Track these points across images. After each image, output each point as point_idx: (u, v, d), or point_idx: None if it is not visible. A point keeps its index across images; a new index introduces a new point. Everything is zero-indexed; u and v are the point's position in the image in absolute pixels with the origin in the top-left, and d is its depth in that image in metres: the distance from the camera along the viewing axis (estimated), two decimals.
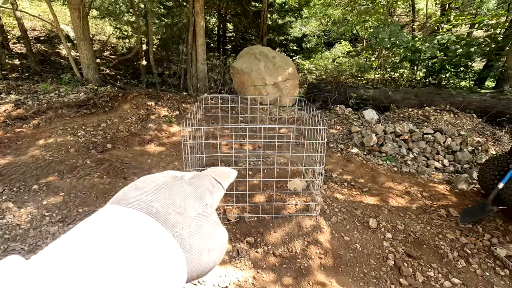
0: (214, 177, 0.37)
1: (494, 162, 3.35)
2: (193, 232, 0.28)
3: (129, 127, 4.63)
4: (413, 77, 7.20)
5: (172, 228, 0.27)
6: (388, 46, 5.40)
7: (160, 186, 0.30)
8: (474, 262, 2.47)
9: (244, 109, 5.53)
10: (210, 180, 0.36)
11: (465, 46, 6.52)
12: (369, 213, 3.02)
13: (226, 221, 2.62)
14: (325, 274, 2.25)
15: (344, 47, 12.62)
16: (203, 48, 6.36)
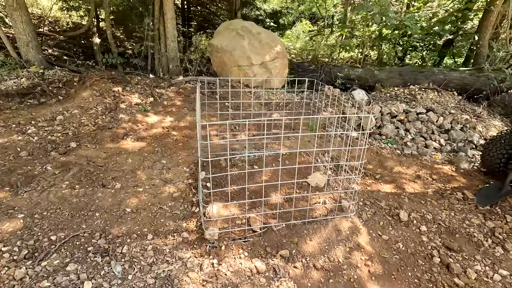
0: None
1: (500, 141, 3.34)
2: None
3: (95, 119, 3.78)
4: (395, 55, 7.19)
5: None
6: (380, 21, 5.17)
7: None
8: (510, 248, 2.39)
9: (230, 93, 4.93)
10: None
11: (439, 24, 6.61)
12: (393, 204, 2.80)
13: (252, 233, 2.17)
14: (379, 284, 1.96)
15: (305, 25, 12.31)
16: (173, 22, 5.49)
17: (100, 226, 2.22)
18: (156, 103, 4.45)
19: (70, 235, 2.08)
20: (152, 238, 2.15)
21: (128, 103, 4.24)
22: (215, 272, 1.91)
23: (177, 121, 4.09)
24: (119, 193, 2.61)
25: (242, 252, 2.06)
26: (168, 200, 2.61)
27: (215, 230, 2.09)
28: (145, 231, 2.21)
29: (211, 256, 2.02)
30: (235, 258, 2.02)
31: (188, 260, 1.96)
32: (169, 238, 2.16)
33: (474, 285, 2.02)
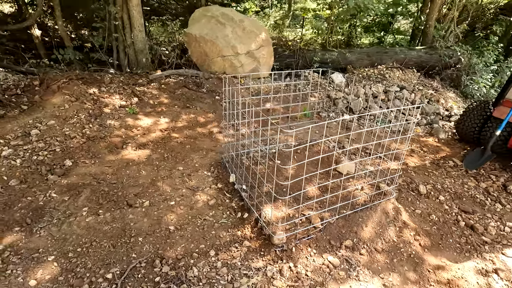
0: None
1: (473, 112, 3.89)
2: None
3: (81, 129, 3.27)
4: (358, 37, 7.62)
5: None
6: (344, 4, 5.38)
7: None
8: (505, 202, 2.88)
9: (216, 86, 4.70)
10: None
11: (392, 6, 7.18)
12: (407, 179, 3.10)
13: (314, 230, 2.20)
14: (433, 255, 2.20)
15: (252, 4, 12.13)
16: (139, 9, 4.89)
17: (152, 252, 2.01)
18: (142, 103, 4.02)
19: (127, 269, 1.84)
20: (215, 254, 2.03)
21: (112, 107, 3.75)
22: (296, 275, 1.92)
23: (173, 122, 3.78)
24: (152, 211, 2.37)
25: (311, 250, 2.10)
26: (207, 209, 2.47)
27: (283, 234, 2.07)
28: (203, 248, 2.08)
29: (284, 260, 2.01)
30: (306, 257, 2.05)
31: (266, 269, 1.92)
32: (233, 250, 2.07)
33: (497, 240, 2.41)
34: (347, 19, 7.16)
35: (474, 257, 2.21)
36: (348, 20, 7.21)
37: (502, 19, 7.41)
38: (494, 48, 6.71)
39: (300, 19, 8.50)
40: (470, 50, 6.36)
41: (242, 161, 3.06)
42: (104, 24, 4.86)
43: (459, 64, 6.22)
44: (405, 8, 7.09)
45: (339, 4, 6.36)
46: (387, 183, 2.76)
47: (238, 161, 2.88)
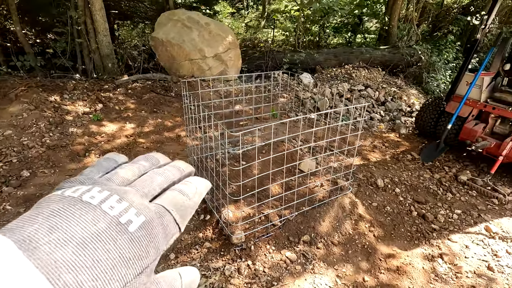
0: (173, 217, 0.26)
1: (429, 108, 4.13)
2: None
3: (41, 138, 3.19)
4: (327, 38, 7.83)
5: None
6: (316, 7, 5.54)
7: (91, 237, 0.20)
8: (455, 191, 3.09)
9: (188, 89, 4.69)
10: (166, 224, 0.26)
11: (358, 7, 7.46)
12: (367, 174, 3.25)
13: (273, 228, 2.28)
14: (385, 244, 2.34)
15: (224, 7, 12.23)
16: (103, 13, 4.80)
17: None
18: (108, 109, 3.96)
19: None
20: (175, 257, 2.06)
21: (75, 114, 3.67)
22: (254, 272, 1.98)
23: (139, 127, 3.76)
24: None
25: (270, 247, 2.17)
26: None
27: (242, 233, 2.13)
28: (164, 252, 2.09)
29: (243, 258, 2.07)
30: (265, 254, 2.12)
31: (225, 268, 1.97)
32: (193, 253, 2.11)
33: (444, 226, 2.59)
34: (317, 20, 7.36)
35: (422, 244, 2.37)
36: (318, 21, 7.42)
37: (460, 19, 7.88)
38: (453, 46, 7.14)
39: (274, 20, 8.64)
40: (430, 49, 6.72)
41: (207, 163, 3.09)
42: (67, 29, 4.73)
43: (420, 62, 6.56)
44: (370, 10, 7.38)
45: (306, 6, 6.53)
46: (346, 178, 2.90)
47: (203, 163, 2.92)
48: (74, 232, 0.20)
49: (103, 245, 0.20)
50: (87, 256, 0.19)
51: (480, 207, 2.87)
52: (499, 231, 2.54)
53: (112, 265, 0.20)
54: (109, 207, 0.23)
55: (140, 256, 0.22)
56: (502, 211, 2.84)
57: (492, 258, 2.27)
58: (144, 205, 0.25)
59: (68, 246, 0.19)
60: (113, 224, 0.22)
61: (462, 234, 2.51)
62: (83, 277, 0.19)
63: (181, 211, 0.27)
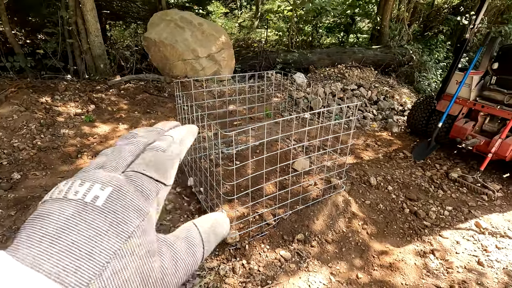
0: (148, 176, 0.26)
1: (420, 106, 4.19)
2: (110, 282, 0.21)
3: (32, 140, 3.14)
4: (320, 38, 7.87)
5: (77, 286, 0.19)
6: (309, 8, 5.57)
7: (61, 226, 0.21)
8: (446, 188, 3.15)
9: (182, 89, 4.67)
10: (141, 186, 0.26)
11: (350, 7, 7.52)
12: (360, 172, 3.29)
13: (267, 227, 2.29)
14: (378, 241, 2.37)
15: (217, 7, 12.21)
16: (94, 14, 4.74)
17: None
18: (100, 110, 3.93)
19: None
20: None
21: (67, 115, 3.63)
22: (248, 271, 1.99)
23: (133, 128, 3.71)
24: None
25: (264, 246, 2.18)
26: (164, 214, 2.47)
27: (236, 233, 2.14)
28: None
29: (238, 257, 2.07)
30: (260, 253, 2.13)
31: (219, 268, 1.98)
32: None
33: (436, 223, 2.63)
34: (309, 20, 7.40)
35: (414, 241, 2.41)
36: (311, 21, 7.46)
37: (450, 19, 8.00)
38: (443, 46, 7.24)
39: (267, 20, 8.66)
40: (421, 49, 6.81)
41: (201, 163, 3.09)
42: (57, 29, 4.67)
43: (411, 61, 6.64)
44: (363, 10, 7.45)
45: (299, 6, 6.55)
46: (340, 176, 2.92)
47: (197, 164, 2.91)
48: (47, 228, 0.21)
49: (75, 228, 0.21)
50: (62, 243, 0.20)
51: (470, 203, 2.93)
52: (488, 227, 2.59)
53: (90, 242, 0.21)
54: (74, 193, 0.23)
55: (117, 223, 0.23)
56: (492, 207, 2.90)
57: (482, 253, 2.32)
58: (110, 177, 0.25)
59: (43, 241, 0.20)
60: (79, 207, 0.22)
61: (453, 230, 2.55)
62: (65, 262, 0.20)
63: (155, 167, 0.27)
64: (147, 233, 0.24)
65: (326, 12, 6.59)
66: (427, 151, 3.71)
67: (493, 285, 2.04)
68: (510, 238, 2.48)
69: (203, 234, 0.29)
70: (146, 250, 0.24)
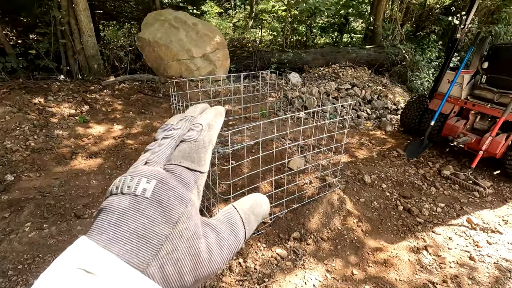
0: (185, 167, 0.29)
1: (413, 105, 4.25)
2: (164, 262, 0.24)
3: (25, 141, 3.11)
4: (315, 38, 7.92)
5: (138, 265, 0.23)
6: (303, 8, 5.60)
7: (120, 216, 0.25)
8: (439, 186, 3.20)
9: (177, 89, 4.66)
10: (180, 176, 0.28)
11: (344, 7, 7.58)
12: (354, 171, 3.33)
13: (263, 225, 2.31)
14: (372, 238, 2.40)
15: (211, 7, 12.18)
16: (87, 14, 4.70)
17: None
18: (94, 111, 3.90)
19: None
20: None
21: (60, 116, 3.60)
22: (245, 269, 2.01)
23: (127, 129, 3.72)
24: None
25: (260, 244, 2.20)
26: None
27: None
28: None
29: (234, 256, 2.09)
30: (256, 252, 2.14)
31: None
32: None
33: (429, 220, 2.68)
34: (304, 20, 7.44)
35: (408, 237, 2.45)
36: (305, 21, 7.50)
37: (442, 19, 8.12)
38: (435, 45, 7.35)
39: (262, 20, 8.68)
40: (413, 48, 6.90)
41: None
42: (50, 29, 4.63)
43: (404, 61, 6.73)
44: (356, 10, 7.51)
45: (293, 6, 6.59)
46: (334, 175, 2.95)
47: None
48: (110, 218, 0.25)
49: (132, 218, 0.25)
50: (124, 230, 0.24)
51: (462, 200, 2.98)
52: (480, 223, 2.65)
53: (145, 228, 0.24)
54: (127, 188, 0.26)
55: (165, 211, 0.26)
56: (483, 203, 2.97)
57: (473, 248, 2.37)
58: (153, 170, 0.28)
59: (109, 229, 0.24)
60: (132, 199, 0.26)
61: (445, 227, 2.60)
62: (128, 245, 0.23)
63: (190, 158, 0.29)
64: (192, 218, 0.27)
65: (320, 12, 6.63)
66: (420, 149, 3.76)
67: (484, 280, 2.09)
68: (500, 234, 2.54)
69: (243, 216, 0.31)
70: (192, 233, 0.27)
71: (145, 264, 0.23)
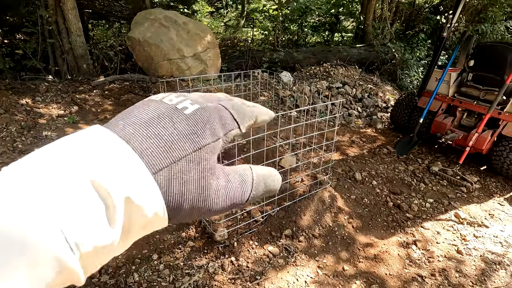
0: (230, 113, 0.30)
1: (402, 103, 4.32)
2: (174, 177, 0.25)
3: (12, 143, 3.06)
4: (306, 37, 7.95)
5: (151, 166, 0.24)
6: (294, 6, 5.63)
7: (153, 118, 0.26)
8: (428, 182, 3.26)
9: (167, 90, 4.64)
10: (222, 116, 0.30)
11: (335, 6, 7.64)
12: (345, 168, 3.37)
13: (255, 224, 2.32)
14: (363, 234, 2.44)
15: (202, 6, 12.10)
16: (75, 13, 4.64)
17: None
18: (84, 111, 3.85)
19: None
20: (158, 257, 2.06)
21: (49, 117, 3.54)
22: (237, 268, 2.01)
23: None
24: None
25: (253, 242, 2.21)
26: None
27: (225, 230, 2.15)
28: (146, 253, 2.09)
29: (227, 255, 2.09)
30: (248, 250, 2.15)
31: (208, 265, 1.99)
32: (176, 252, 2.11)
33: (418, 215, 2.73)
34: (295, 19, 7.48)
35: (398, 232, 2.49)
36: (296, 20, 7.53)
37: (430, 18, 8.25)
38: (424, 44, 7.46)
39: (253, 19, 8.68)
40: (403, 47, 7.00)
41: None
42: (37, 29, 4.54)
43: (394, 60, 6.82)
44: (347, 9, 7.58)
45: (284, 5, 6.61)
46: (326, 172, 2.98)
47: None
48: (141, 116, 0.26)
49: (163, 123, 0.26)
50: (150, 130, 0.25)
51: (450, 195, 3.05)
52: (467, 217, 2.71)
53: (170, 137, 0.25)
54: (169, 100, 0.28)
55: (195, 133, 0.26)
56: (470, 198, 3.04)
57: (461, 242, 2.43)
58: (201, 99, 0.29)
59: (135, 124, 0.25)
60: (171, 109, 0.27)
61: (434, 222, 2.66)
62: (149, 145, 0.24)
63: (239, 112, 0.30)
64: (215, 154, 0.28)
65: (311, 11, 6.67)
66: (410, 146, 3.83)
67: (471, 272, 2.15)
68: (487, 227, 2.61)
69: (255, 179, 0.31)
70: (210, 167, 0.27)
71: (157, 169, 0.23)
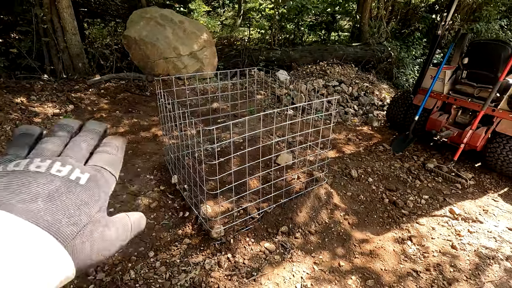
0: (109, 171, 0.36)
1: (398, 101, 4.34)
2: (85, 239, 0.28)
3: (7, 142, 3.04)
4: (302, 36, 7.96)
5: (64, 240, 0.26)
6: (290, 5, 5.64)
7: (53, 193, 0.27)
8: (423, 178, 3.29)
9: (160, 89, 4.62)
10: (106, 177, 0.35)
11: (331, 5, 7.66)
12: (342, 166, 3.38)
13: (252, 221, 2.32)
14: (359, 230, 2.45)
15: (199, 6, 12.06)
16: (71, 11, 4.61)
17: None
18: (79, 110, 3.83)
19: None
20: (155, 254, 2.06)
21: (44, 116, 3.52)
22: (234, 264, 2.02)
23: (114, 128, 3.67)
24: None
25: (249, 239, 2.22)
26: (148, 212, 2.46)
27: (221, 228, 2.16)
28: (143, 250, 2.09)
29: (223, 252, 2.10)
30: (245, 247, 2.16)
31: (205, 262, 1.99)
32: (172, 249, 2.11)
33: (413, 211, 2.75)
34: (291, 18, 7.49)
35: (393, 228, 2.51)
36: (293, 19, 7.54)
37: (426, 17, 8.30)
38: (420, 43, 7.51)
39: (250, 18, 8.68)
40: (399, 45, 7.04)
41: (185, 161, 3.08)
42: (32, 27, 4.51)
43: (390, 58, 6.85)
44: (343, 8, 7.61)
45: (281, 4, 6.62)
46: (322, 169, 3.00)
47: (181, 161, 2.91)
48: (38, 191, 0.27)
49: (65, 195, 0.28)
50: (57, 204, 0.27)
51: (445, 192, 3.07)
52: (461, 213, 2.74)
53: (77, 206, 0.28)
54: (57, 171, 0.30)
55: (94, 199, 0.31)
56: (465, 194, 3.06)
57: (455, 237, 2.45)
58: (83, 166, 0.33)
59: (38, 200, 0.26)
60: (66, 181, 0.29)
61: (429, 218, 2.68)
62: (59, 216, 0.26)
63: (112, 166, 0.36)
64: (106, 210, 0.33)
65: (307, 10, 6.68)
66: (405, 144, 3.85)
67: (465, 267, 2.17)
68: (481, 223, 2.64)
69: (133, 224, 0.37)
70: (106, 221, 0.32)
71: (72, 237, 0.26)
